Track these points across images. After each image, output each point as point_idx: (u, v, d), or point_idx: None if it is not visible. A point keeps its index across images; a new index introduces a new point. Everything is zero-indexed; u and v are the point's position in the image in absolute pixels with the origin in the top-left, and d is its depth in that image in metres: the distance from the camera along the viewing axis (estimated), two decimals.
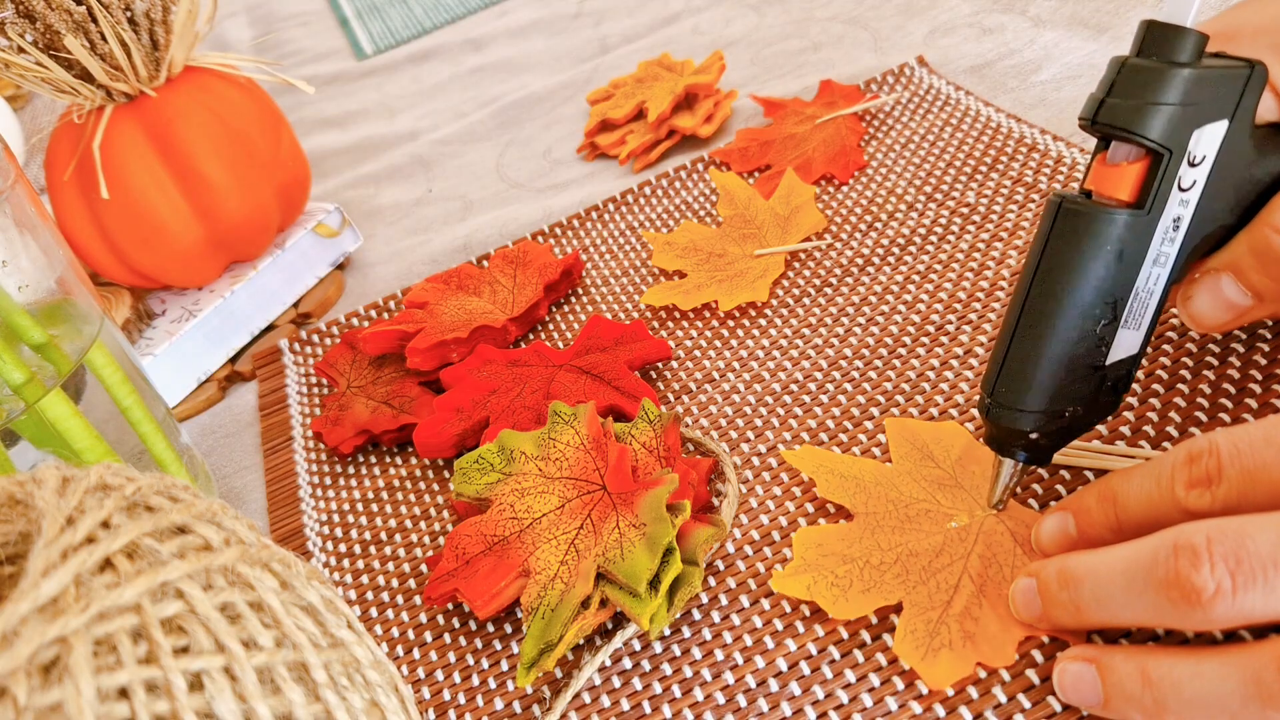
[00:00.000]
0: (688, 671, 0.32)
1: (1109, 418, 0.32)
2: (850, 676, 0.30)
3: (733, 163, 0.56)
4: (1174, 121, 0.27)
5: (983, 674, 0.29)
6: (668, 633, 0.34)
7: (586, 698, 0.33)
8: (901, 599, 0.31)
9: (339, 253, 0.60)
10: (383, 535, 0.42)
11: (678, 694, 0.32)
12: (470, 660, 0.35)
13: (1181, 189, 0.28)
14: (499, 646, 0.35)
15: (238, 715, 0.20)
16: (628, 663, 0.33)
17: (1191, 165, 0.28)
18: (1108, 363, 0.29)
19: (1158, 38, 0.27)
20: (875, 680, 0.30)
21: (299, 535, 0.43)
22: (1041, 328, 0.29)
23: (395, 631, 0.37)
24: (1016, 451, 0.31)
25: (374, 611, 0.38)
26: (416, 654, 0.36)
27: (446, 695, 0.35)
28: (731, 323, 0.45)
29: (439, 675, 0.35)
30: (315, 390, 0.51)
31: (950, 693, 0.29)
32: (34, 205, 0.39)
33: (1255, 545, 0.23)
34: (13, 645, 0.18)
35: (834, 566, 0.32)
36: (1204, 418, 0.33)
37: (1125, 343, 0.29)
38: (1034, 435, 0.30)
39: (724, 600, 0.34)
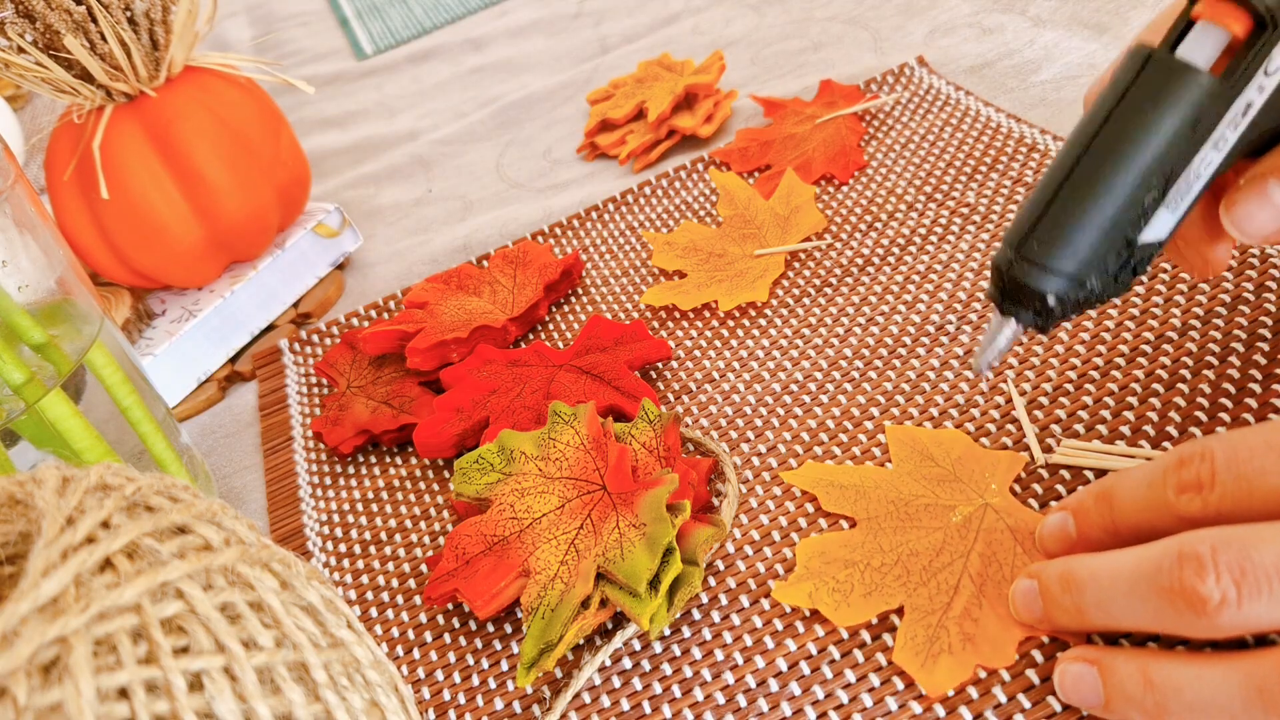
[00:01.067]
0: (688, 671, 0.32)
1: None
2: (850, 676, 0.30)
3: (733, 163, 0.56)
4: None
5: (983, 674, 0.29)
6: (668, 633, 0.34)
7: (586, 698, 0.33)
8: (903, 602, 0.31)
9: (339, 253, 0.60)
10: (383, 535, 0.42)
11: (678, 694, 0.32)
12: (470, 660, 0.35)
13: (1267, 73, 0.27)
14: (499, 646, 0.35)
15: (238, 715, 0.20)
16: (628, 663, 0.33)
17: None
18: (1140, 240, 0.28)
19: None
20: (875, 680, 0.30)
21: (299, 535, 0.43)
22: (1097, 185, 0.27)
23: (395, 631, 0.37)
24: (1023, 313, 0.29)
25: (374, 611, 0.38)
26: (416, 654, 0.36)
27: (446, 695, 0.35)
28: (731, 323, 0.45)
29: (439, 675, 0.35)
30: (315, 390, 0.51)
31: (950, 693, 0.29)
32: (34, 205, 0.39)
33: (1260, 555, 0.23)
34: (13, 645, 0.18)
35: (835, 572, 0.32)
36: (1204, 418, 0.33)
37: (1159, 223, 0.28)
38: (1051, 300, 0.28)
39: (724, 600, 0.34)
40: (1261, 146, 0.29)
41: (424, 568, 0.39)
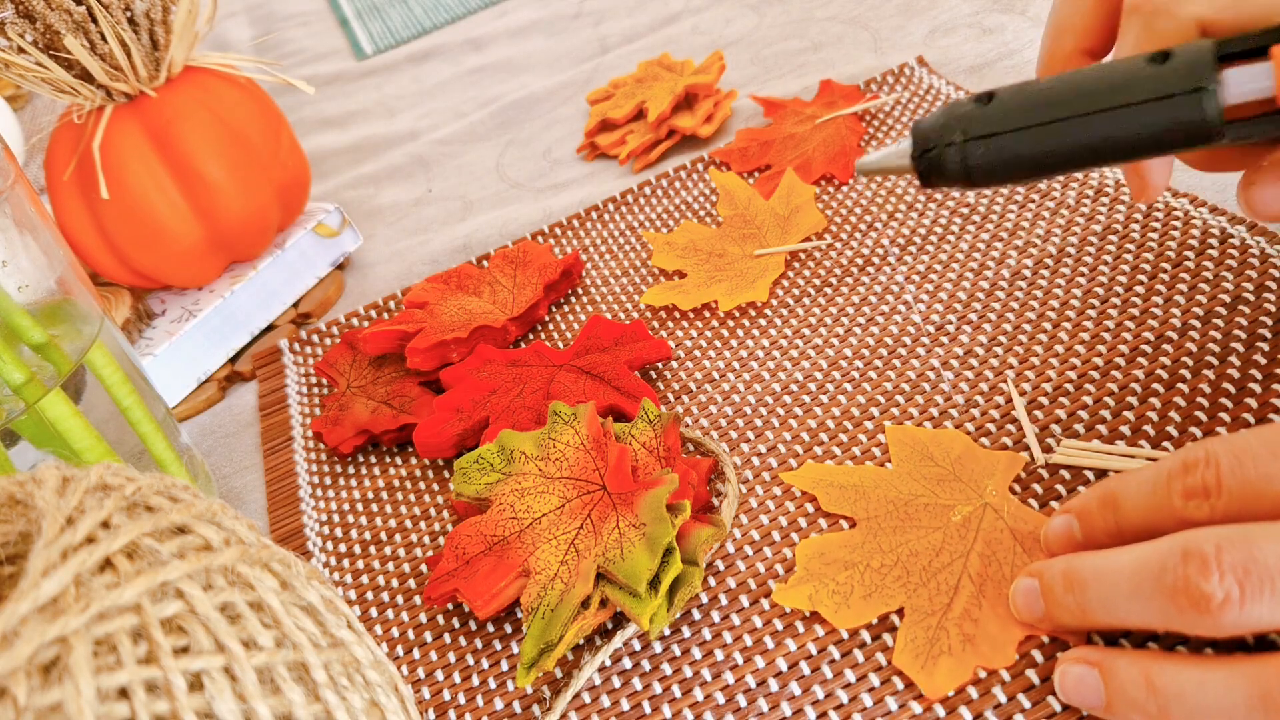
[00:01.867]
0: (688, 671, 0.32)
1: None
2: (850, 676, 0.30)
3: (733, 163, 0.56)
4: None
5: (982, 674, 0.29)
6: (668, 633, 0.34)
7: (586, 698, 0.33)
8: (903, 603, 0.31)
9: (339, 253, 0.60)
10: (383, 535, 0.42)
11: (678, 694, 0.32)
12: (470, 660, 0.35)
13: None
14: (499, 646, 0.35)
15: (238, 715, 0.20)
16: (628, 663, 0.33)
17: None
18: None
19: None
20: (875, 680, 0.30)
21: (299, 535, 0.43)
22: (1064, 139, 0.27)
23: (395, 631, 0.37)
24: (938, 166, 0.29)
25: (374, 611, 0.38)
26: (416, 654, 0.36)
27: (446, 695, 0.35)
28: (731, 323, 0.45)
29: (439, 675, 0.35)
30: (315, 390, 0.51)
31: (950, 693, 0.29)
32: (34, 205, 0.39)
33: (1264, 555, 0.23)
34: (13, 645, 0.18)
35: (835, 574, 0.32)
36: (1204, 417, 0.33)
37: None
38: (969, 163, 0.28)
39: (724, 600, 0.34)
40: None
41: (424, 568, 0.39)
